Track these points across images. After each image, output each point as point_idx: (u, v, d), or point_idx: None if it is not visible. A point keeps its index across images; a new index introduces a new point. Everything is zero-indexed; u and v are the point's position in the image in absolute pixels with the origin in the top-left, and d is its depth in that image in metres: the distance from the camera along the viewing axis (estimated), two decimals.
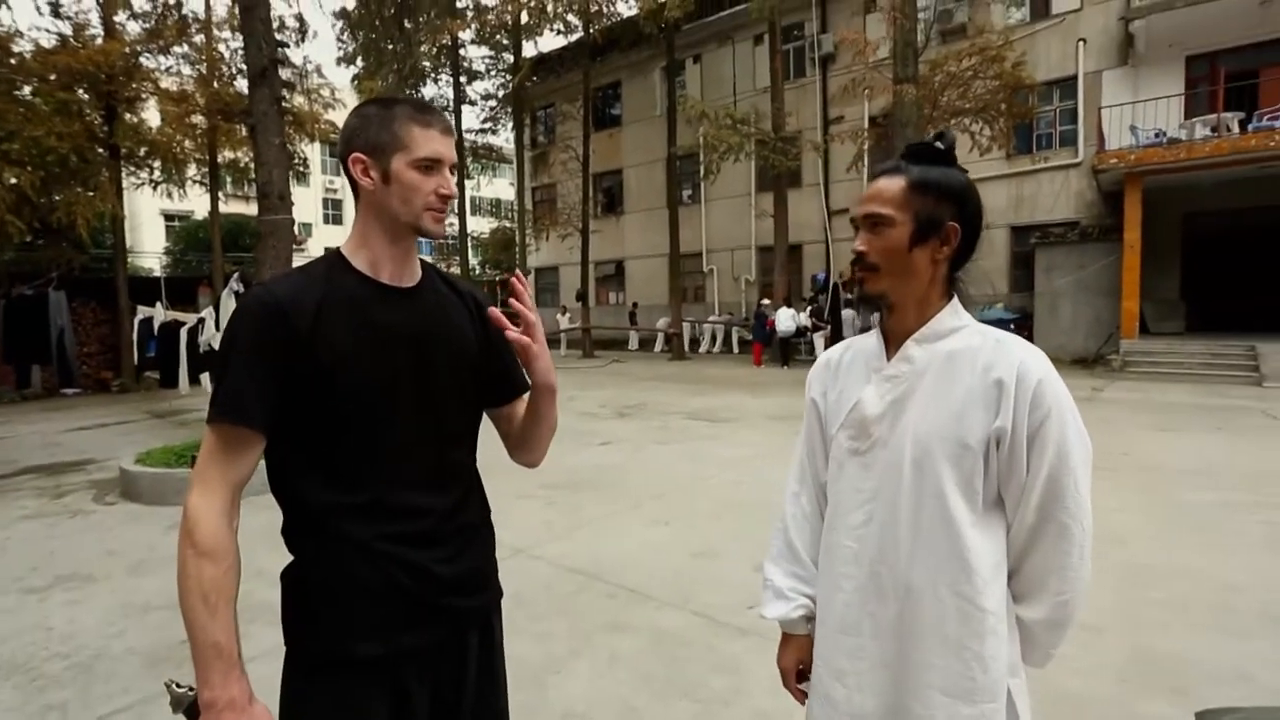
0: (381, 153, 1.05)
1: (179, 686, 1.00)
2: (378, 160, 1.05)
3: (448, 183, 1.08)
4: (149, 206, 25.18)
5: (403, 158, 1.04)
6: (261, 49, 5.44)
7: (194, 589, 0.93)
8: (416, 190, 1.05)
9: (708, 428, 7.96)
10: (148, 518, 4.94)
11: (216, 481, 0.98)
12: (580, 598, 3.33)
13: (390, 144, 1.05)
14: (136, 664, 2.82)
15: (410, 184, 1.05)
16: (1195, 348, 11.72)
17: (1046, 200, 15.07)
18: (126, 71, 12.83)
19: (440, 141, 1.07)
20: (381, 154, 1.05)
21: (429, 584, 1.07)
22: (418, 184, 1.05)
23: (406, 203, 1.06)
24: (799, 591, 1.17)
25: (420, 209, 1.06)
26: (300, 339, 1.00)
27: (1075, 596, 0.98)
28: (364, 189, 1.07)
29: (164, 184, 15.06)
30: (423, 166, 1.05)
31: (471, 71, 20.22)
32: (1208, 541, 3.88)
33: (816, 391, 1.19)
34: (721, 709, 2.36)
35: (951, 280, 1.06)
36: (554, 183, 23.79)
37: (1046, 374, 0.96)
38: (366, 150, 1.06)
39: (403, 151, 1.04)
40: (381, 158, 1.05)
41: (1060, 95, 14.98)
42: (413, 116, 1.06)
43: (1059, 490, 0.95)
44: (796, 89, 18.18)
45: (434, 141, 1.06)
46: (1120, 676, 2.47)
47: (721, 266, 20.73)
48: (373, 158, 1.05)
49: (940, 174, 1.02)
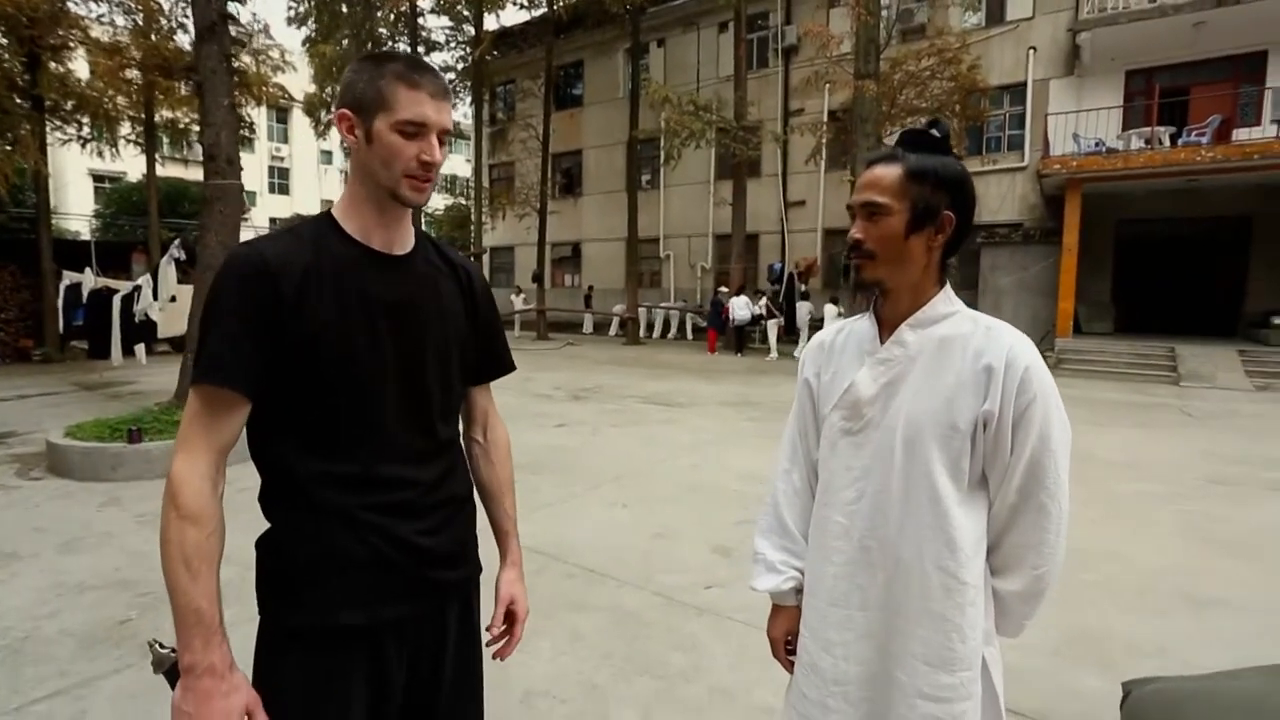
0: (366, 111, 1.01)
1: (162, 647, 0.98)
2: (362, 118, 1.01)
3: (432, 149, 1.02)
4: (76, 165, 23.63)
5: (385, 119, 0.99)
6: (210, 2, 5.13)
7: (176, 554, 0.91)
8: (397, 154, 1.00)
9: (663, 412, 8.02)
10: (80, 494, 4.69)
11: (200, 445, 0.96)
12: (541, 578, 3.34)
13: (374, 102, 1.00)
14: (72, 645, 2.69)
15: (391, 146, 1.00)
16: (1122, 348, 12.41)
17: (993, 201, 15.63)
18: (52, 16, 11.94)
19: (429, 104, 1.01)
20: (366, 112, 1.01)
21: (412, 556, 1.06)
22: (399, 148, 1.00)
23: (386, 166, 1.01)
24: (789, 564, 1.20)
25: (399, 175, 1.01)
26: (286, 303, 0.97)
27: (1051, 571, 1.04)
28: (351, 147, 1.04)
29: (94, 142, 14.15)
30: (406, 130, 1.00)
31: (430, 42, 19.55)
32: (1133, 528, 4.15)
33: (810, 372, 1.21)
34: (682, 685, 2.41)
35: (944, 267, 1.09)
36: (512, 161, 23.36)
37: (1033, 361, 1.01)
38: (352, 107, 1.01)
39: (386, 112, 0.99)
40: (366, 116, 1.01)
41: (1010, 100, 15.52)
42: (401, 75, 1.00)
43: (1040, 472, 1.00)
44: (759, 79, 18.28)
45: (421, 104, 1.00)
46: (1054, 650, 2.63)
47: (678, 253, 20.79)
48: (358, 115, 1.01)
49: (937, 162, 1.04)
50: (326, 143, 24.55)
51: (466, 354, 1.19)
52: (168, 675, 0.95)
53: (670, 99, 14.96)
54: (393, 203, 1.05)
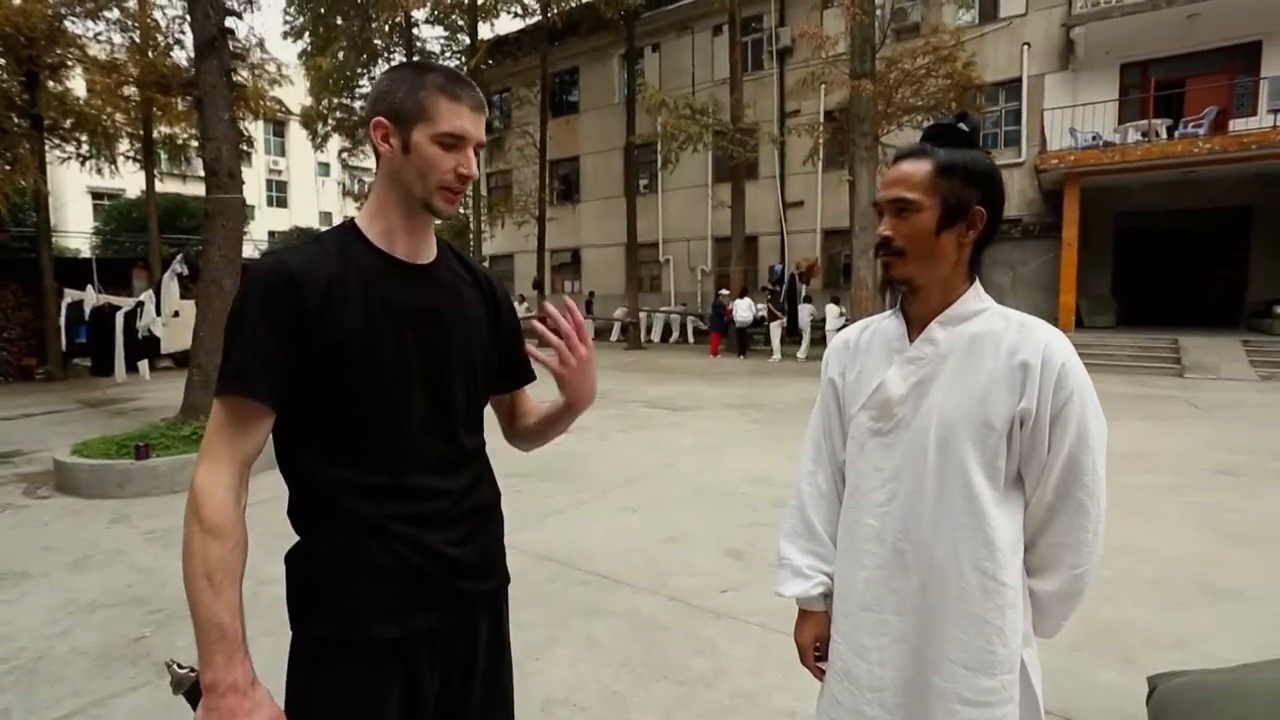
0: (404, 121, 1.01)
1: (180, 667, 0.96)
2: (400, 128, 1.01)
3: (469, 162, 1.03)
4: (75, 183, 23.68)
5: (425, 130, 1.00)
6: (209, 16, 5.14)
7: (198, 567, 0.90)
8: (434, 166, 1.01)
9: (668, 416, 8.01)
10: (87, 511, 4.68)
11: (224, 457, 0.95)
12: (554, 585, 3.32)
13: (415, 113, 1.00)
14: (85, 665, 2.68)
15: (429, 158, 1.00)
16: (1124, 341, 12.40)
17: None
18: (49, 36, 11.99)
19: (468, 118, 1.02)
20: (404, 122, 1.01)
21: (443, 566, 1.05)
22: (437, 160, 1.01)
23: (423, 177, 1.01)
24: (817, 569, 1.18)
25: (435, 186, 1.02)
26: (311, 313, 0.97)
27: (1089, 570, 1.03)
28: (383, 155, 1.03)
29: (93, 159, 14.17)
30: (445, 142, 1.01)
31: (426, 52, 19.60)
32: (1144, 520, 4.14)
33: (835, 371, 1.19)
34: (703, 690, 2.40)
35: (974, 263, 1.08)
36: (510, 169, 23.38)
37: (1069, 357, 1.00)
38: (390, 116, 1.01)
39: (426, 123, 1.00)
40: (404, 126, 1.01)
41: (1006, 96, 15.54)
42: (443, 88, 1.01)
43: (1078, 469, 0.99)
44: (755, 81, 18.31)
45: (461, 117, 1.01)
46: (1074, 646, 2.62)
47: (678, 256, 20.79)
48: (395, 124, 1.01)
49: (967, 157, 1.02)
50: (324, 155, 24.58)
51: (490, 362, 1.19)
52: (188, 695, 0.94)
53: (666, 103, 14.99)
54: (423, 212, 1.06)
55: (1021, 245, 14.38)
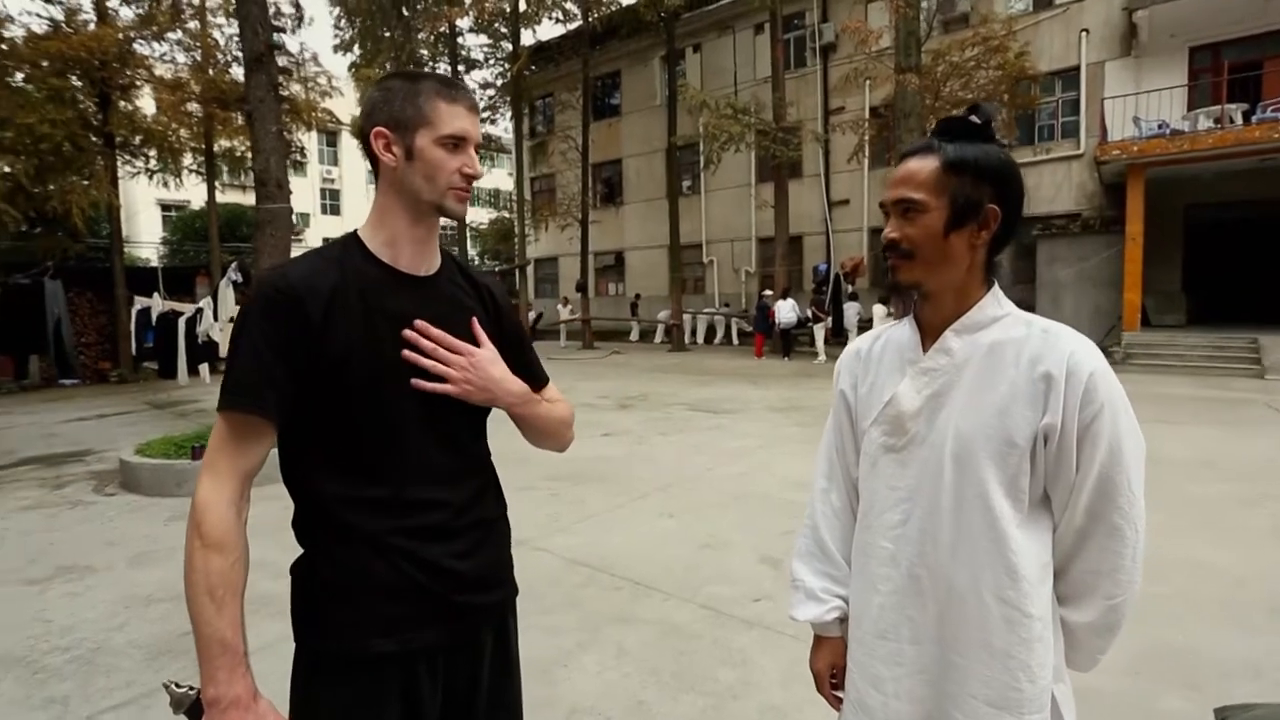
0: (405, 128, 1.01)
1: (178, 686, 0.96)
2: (401, 136, 1.02)
3: (473, 161, 1.04)
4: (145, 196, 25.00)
5: (428, 134, 1.01)
6: (257, 34, 5.35)
7: (200, 582, 0.90)
8: (441, 168, 1.02)
9: (710, 419, 7.93)
10: (148, 509, 4.91)
11: (226, 471, 0.96)
12: (587, 590, 3.31)
13: (415, 119, 1.01)
14: (139, 657, 2.79)
15: (434, 161, 1.01)
16: (1196, 340, 11.71)
17: (1048, 191, 15.02)
18: (120, 58, 12.71)
19: (466, 119, 1.03)
20: (405, 129, 1.01)
21: (444, 580, 1.04)
22: (442, 162, 1.02)
23: (430, 181, 1.02)
24: (831, 592, 1.12)
25: (444, 188, 1.03)
26: (313, 326, 0.97)
27: (1126, 600, 0.94)
28: (385, 165, 1.03)
29: (160, 173, 14.94)
30: (448, 144, 1.02)
31: (470, 60, 20.02)
32: (1214, 534, 3.87)
33: (846, 383, 1.13)
34: (731, 702, 2.34)
35: (990, 265, 1.00)
36: (553, 173, 23.67)
37: (1099, 367, 0.91)
38: (390, 125, 1.02)
39: (428, 127, 1.01)
40: (405, 133, 1.01)
41: (1062, 86, 14.90)
42: (439, 91, 1.02)
43: (1111, 490, 0.91)
44: (797, 78, 18.05)
45: (460, 118, 1.02)
46: (1132, 670, 2.45)
47: (721, 257, 20.66)
48: (396, 133, 1.02)
49: (978, 151, 0.95)
50: None
51: None
52: (188, 714, 0.94)
53: (708, 103, 14.90)
54: (433, 218, 1.07)
55: (1081, 241, 13.73)
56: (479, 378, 1.06)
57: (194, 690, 0.93)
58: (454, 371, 1.04)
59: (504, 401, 1.11)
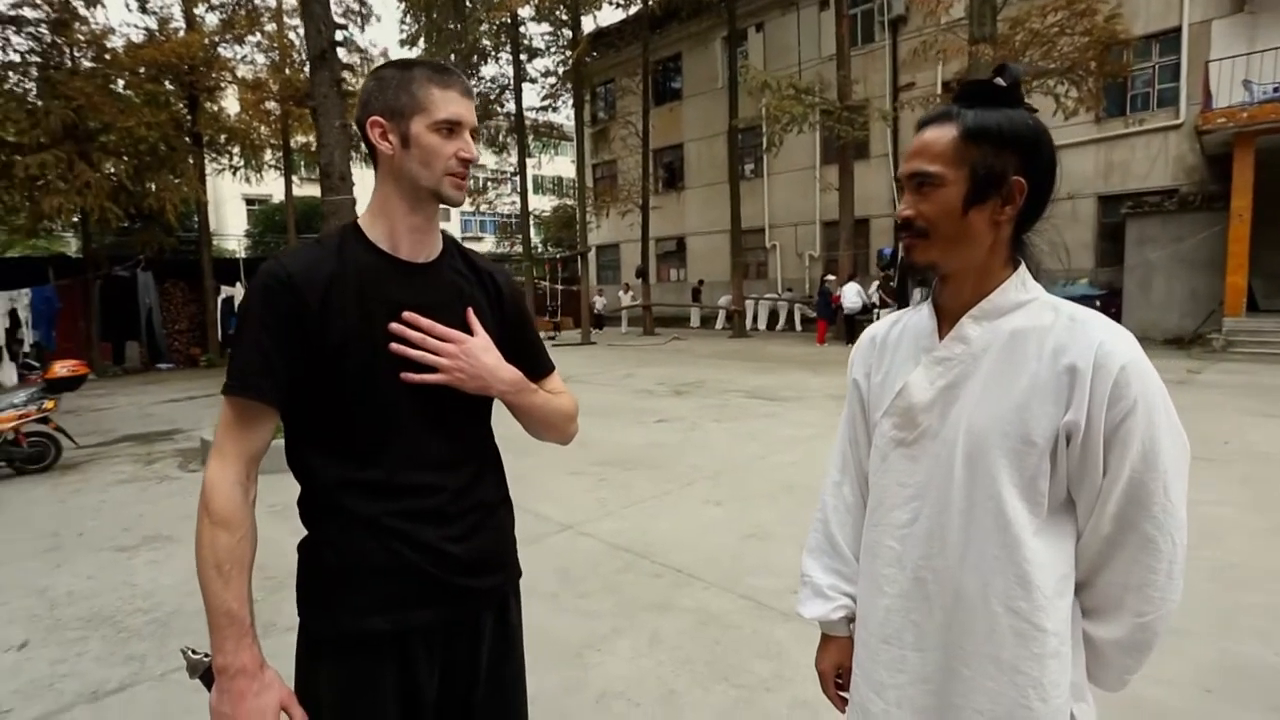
0: (400, 116, 1.02)
1: (194, 653, 1.01)
2: (396, 124, 1.03)
3: (469, 146, 1.05)
4: (231, 190, 26.54)
5: (422, 120, 1.02)
6: (321, 31, 5.55)
7: (209, 557, 0.94)
8: (437, 154, 1.02)
9: (766, 406, 7.80)
10: None
11: (232, 453, 0.99)
12: (626, 576, 3.31)
13: (409, 106, 1.02)
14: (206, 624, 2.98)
15: (430, 147, 1.02)
16: None
17: (1140, 166, 13.92)
18: (206, 62, 13.49)
19: (460, 103, 1.03)
20: (400, 117, 1.02)
21: (440, 563, 1.05)
22: (438, 147, 1.02)
23: (427, 166, 1.03)
24: (839, 590, 1.07)
25: (441, 173, 1.03)
26: (312, 313, 0.99)
27: (1159, 619, 0.84)
28: (382, 154, 1.04)
29: (243, 169, 15.82)
30: (443, 129, 1.02)
31: (531, 49, 20.20)
32: None
33: (859, 372, 1.07)
34: (763, 695, 2.30)
35: (1018, 244, 0.91)
36: (614, 159, 23.68)
37: (1132, 359, 0.81)
38: (384, 113, 1.03)
39: (422, 114, 1.02)
40: (400, 121, 1.02)
41: (1160, 50, 13.72)
42: (431, 78, 1.03)
43: (1144, 497, 0.81)
44: (864, 55, 17.36)
45: (454, 103, 1.03)
46: (1205, 687, 2.26)
47: (785, 242, 20.22)
48: (391, 121, 1.03)
49: (1001, 118, 0.86)
50: None
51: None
52: (203, 679, 0.98)
53: (769, 84, 14.51)
54: (431, 204, 1.07)
55: (1179, 219, 12.66)
56: (470, 365, 1.06)
57: (209, 658, 0.97)
58: (444, 360, 1.04)
59: (496, 390, 1.10)
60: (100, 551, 3.99)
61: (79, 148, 11.70)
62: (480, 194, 22.97)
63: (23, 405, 5.89)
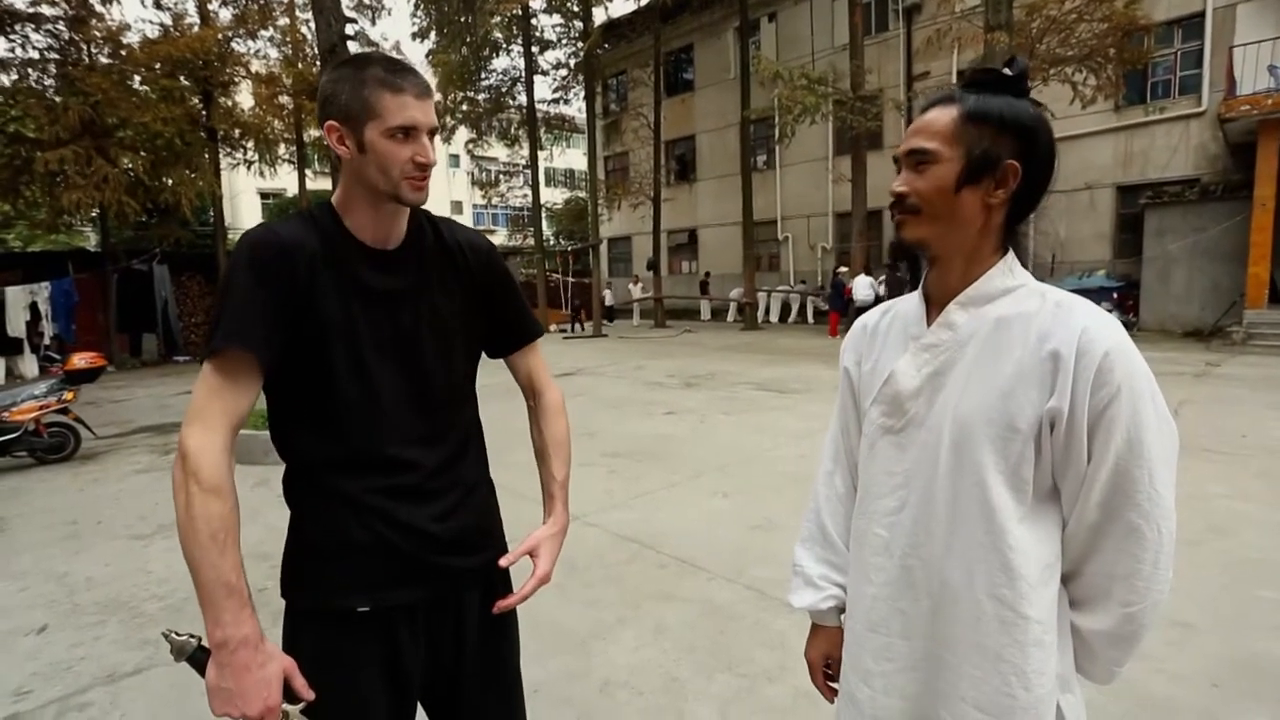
0: (354, 121, 1.00)
1: (178, 635, 0.96)
2: (352, 129, 1.01)
3: (425, 150, 1.02)
4: (246, 184, 26.79)
5: (376, 127, 0.99)
6: (331, 25, 5.57)
7: (202, 528, 0.90)
8: (392, 160, 1.00)
9: (776, 399, 7.78)
10: (239, 475, 5.26)
11: (216, 417, 0.95)
12: (632, 566, 3.33)
13: (362, 112, 0.99)
14: None
15: (385, 153, 1.00)
16: None
17: (1160, 155, 13.67)
18: (220, 57, 13.61)
19: (415, 107, 1.00)
20: (354, 122, 1.00)
21: (419, 541, 1.06)
22: (393, 153, 1.00)
23: (384, 172, 1.01)
24: (830, 580, 1.07)
25: (398, 179, 1.01)
26: (300, 283, 1.00)
27: (1146, 609, 0.84)
28: (343, 157, 1.04)
29: (257, 163, 15.95)
30: (398, 135, 1.00)
31: (543, 41, 20.15)
32: None
33: (850, 360, 1.07)
34: (765, 684, 2.30)
35: (1009, 232, 0.90)
36: (626, 151, 23.60)
37: (1116, 345, 0.80)
38: (339, 118, 1.01)
39: (375, 120, 0.99)
40: (355, 126, 1.00)
41: (1183, 35, 13.44)
42: (383, 81, 0.99)
43: (1129, 485, 0.81)
44: (878, 44, 17.16)
45: (408, 108, 1.00)
46: (1214, 682, 2.23)
47: (797, 234, 20.10)
48: (346, 126, 1.01)
49: (1003, 104, 0.86)
50: (452, 147, 26.05)
51: (474, 331, 1.18)
52: (191, 660, 0.95)
53: (781, 74, 14.38)
54: (392, 204, 1.06)
55: (1200, 209, 12.43)
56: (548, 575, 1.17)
57: (194, 638, 0.95)
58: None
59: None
60: (117, 539, 4.07)
61: (97, 143, 11.86)
62: (493, 186, 22.99)
63: (43, 396, 6.01)
